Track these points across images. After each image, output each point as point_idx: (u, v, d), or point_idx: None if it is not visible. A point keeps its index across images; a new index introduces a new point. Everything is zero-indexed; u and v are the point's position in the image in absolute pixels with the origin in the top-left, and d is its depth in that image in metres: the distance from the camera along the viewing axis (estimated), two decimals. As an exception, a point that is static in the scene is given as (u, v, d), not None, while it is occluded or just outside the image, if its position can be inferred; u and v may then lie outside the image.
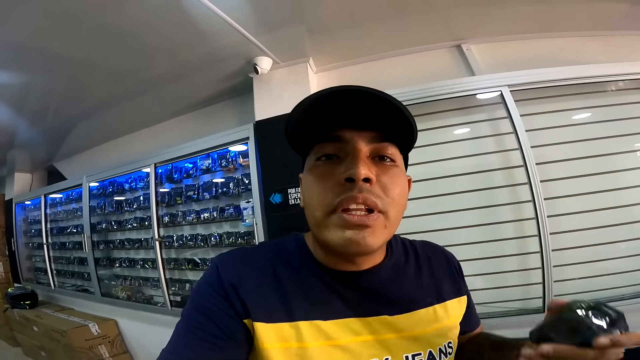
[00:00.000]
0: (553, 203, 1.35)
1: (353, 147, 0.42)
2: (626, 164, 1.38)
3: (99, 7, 1.21)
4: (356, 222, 0.40)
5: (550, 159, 1.37)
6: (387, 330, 0.46)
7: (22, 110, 2.09)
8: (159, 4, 1.23)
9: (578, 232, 1.32)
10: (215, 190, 1.96)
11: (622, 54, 1.59)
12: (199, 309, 0.43)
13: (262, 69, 1.69)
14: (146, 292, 2.47)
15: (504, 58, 1.68)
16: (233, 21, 1.37)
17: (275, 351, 0.42)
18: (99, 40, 1.42)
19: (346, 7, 1.37)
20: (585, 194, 1.33)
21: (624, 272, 1.31)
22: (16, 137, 2.64)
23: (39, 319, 2.80)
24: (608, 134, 1.39)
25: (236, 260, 0.47)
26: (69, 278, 3.14)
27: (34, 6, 1.17)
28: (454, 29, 1.65)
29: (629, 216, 1.33)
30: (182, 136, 2.25)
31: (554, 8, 1.49)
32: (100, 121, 2.37)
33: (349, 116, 0.43)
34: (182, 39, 1.48)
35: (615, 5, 1.47)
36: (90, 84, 1.83)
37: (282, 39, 1.57)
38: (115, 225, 2.56)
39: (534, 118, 1.42)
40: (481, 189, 1.41)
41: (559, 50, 1.66)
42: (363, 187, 0.40)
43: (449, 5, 1.42)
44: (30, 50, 1.43)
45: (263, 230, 1.68)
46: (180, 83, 1.91)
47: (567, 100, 1.42)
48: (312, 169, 0.45)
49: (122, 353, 2.62)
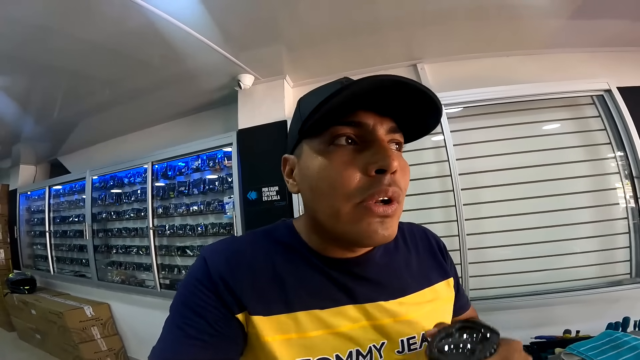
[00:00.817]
0: (477, 208, 1.63)
1: (376, 135, 0.41)
2: (546, 175, 1.63)
3: (89, 29, 1.38)
4: (382, 213, 0.40)
5: (477, 169, 1.65)
6: (383, 315, 0.46)
7: (27, 108, 2.28)
8: (147, 31, 1.41)
9: (496, 234, 1.60)
10: (203, 186, 2.27)
11: (555, 72, 1.80)
12: (188, 305, 0.41)
13: (244, 84, 1.97)
14: (138, 277, 2.74)
15: (450, 77, 1.88)
16: (216, 46, 1.60)
17: (276, 343, 0.41)
18: (93, 54, 1.59)
19: (317, 28, 1.54)
20: (504, 201, 1.61)
21: (537, 270, 1.56)
22: (22, 132, 2.83)
23: (37, 302, 3.03)
24: (531, 147, 1.63)
25: (225, 252, 0.45)
26: (68, 264, 3.39)
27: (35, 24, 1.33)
28: (412, 49, 1.82)
29: (543, 221, 1.58)
30: (175, 138, 2.52)
31: (496, 27, 1.63)
32: (100, 121, 2.57)
33: (373, 101, 0.40)
34: (170, 55, 1.65)
35: (551, 22, 1.58)
36: (89, 89, 2.00)
37: (261, 58, 1.78)
38: (114, 215, 2.84)
39: (465, 133, 1.69)
40: (418, 194, 1.67)
41: (495, 69, 1.85)
42: (392, 179, 0.40)
43: (406, 25, 1.57)
44: (28, 61, 1.61)
45: (241, 221, 1.98)
46: (173, 92, 2.13)
47: (494, 118, 1.69)
48: (328, 153, 0.42)
49: (113, 335, 2.84)
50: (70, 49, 1.51)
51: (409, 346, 0.47)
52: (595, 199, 1.59)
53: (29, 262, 3.93)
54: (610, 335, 1.07)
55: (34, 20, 1.29)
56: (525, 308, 1.54)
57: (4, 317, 3.73)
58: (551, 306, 1.53)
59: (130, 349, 2.86)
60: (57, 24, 1.32)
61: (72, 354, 2.73)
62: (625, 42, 1.76)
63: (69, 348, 2.74)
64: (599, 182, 1.60)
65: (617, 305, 1.49)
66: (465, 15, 1.49)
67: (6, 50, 1.49)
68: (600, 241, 1.57)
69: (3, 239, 4.00)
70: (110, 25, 1.36)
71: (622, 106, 1.57)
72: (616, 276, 1.55)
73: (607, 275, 1.56)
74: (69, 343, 2.70)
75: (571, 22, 1.55)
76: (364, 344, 0.44)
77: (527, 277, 1.58)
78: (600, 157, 1.61)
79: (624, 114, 1.56)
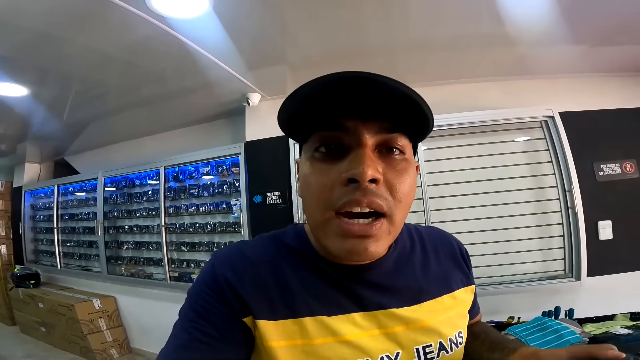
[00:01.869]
0: (443, 213, 1.96)
1: (357, 140, 0.38)
2: (499, 187, 1.95)
3: (103, 40, 1.48)
4: (358, 233, 0.37)
5: (443, 181, 1.99)
6: (394, 323, 0.45)
7: (37, 109, 2.31)
8: (161, 48, 1.54)
9: (457, 234, 1.92)
10: (212, 190, 2.55)
11: (512, 98, 2.05)
12: (195, 309, 0.41)
13: (252, 102, 2.25)
14: (147, 271, 2.97)
15: (427, 101, 2.28)
16: (227, 66, 1.78)
17: (281, 349, 0.41)
18: (106, 64, 1.69)
19: (315, 53, 1.70)
20: (464, 208, 1.94)
21: (490, 265, 1.88)
22: (29, 132, 2.89)
23: (45, 295, 3.19)
24: (488, 164, 1.95)
25: (233, 257, 0.45)
26: (76, 259, 3.55)
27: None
28: (398, 73, 1.96)
29: (496, 225, 1.90)
30: (186, 144, 2.77)
31: (465, 57, 1.81)
32: (112, 124, 2.70)
33: (353, 104, 0.37)
34: (182, 70, 1.80)
35: (512, 50, 1.74)
36: (102, 94, 2.11)
37: (267, 78, 1.99)
38: (125, 214, 3.08)
39: (435, 150, 2.02)
40: None
41: (462, 95, 2.11)
42: (368, 189, 0.36)
43: (390, 53, 1.72)
44: (43, 67, 1.71)
45: (247, 221, 2.28)
46: (185, 102, 2.31)
47: (459, 138, 2.02)
48: (310, 160, 0.41)
49: (118, 326, 3.04)
50: (84, 58, 1.62)
51: (425, 355, 0.45)
52: (538, 208, 1.93)
53: (32, 257, 4.04)
54: (540, 320, 1.31)
55: (53, 32, 1.39)
56: (480, 296, 1.88)
57: (6, 311, 3.82)
58: (499, 295, 1.85)
59: (134, 340, 3.08)
60: (72, 34, 1.42)
61: (78, 345, 2.91)
62: (575, 69, 2.00)
63: (76, 339, 2.91)
64: (541, 194, 1.95)
65: (554, 297, 1.82)
66: (441, 45, 1.67)
67: (26, 57, 1.60)
68: (540, 242, 1.91)
69: (6, 234, 4.10)
70: (124, 37, 1.46)
71: (560, 129, 1.89)
72: (553, 272, 1.91)
73: (546, 271, 1.91)
74: (77, 334, 2.88)
75: (531, 50, 1.75)
76: (375, 354, 0.42)
77: (481, 270, 1.89)
78: (543, 173, 1.96)
79: (561, 136, 1.89)
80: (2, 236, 4.07)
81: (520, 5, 1.36)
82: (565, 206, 1.90)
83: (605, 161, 1.95)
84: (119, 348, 2.99)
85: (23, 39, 1.42)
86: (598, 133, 1.98)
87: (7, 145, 3.32)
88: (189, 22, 1.38)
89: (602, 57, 1.87)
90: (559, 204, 1.92)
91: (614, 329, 1.37)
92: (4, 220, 4.09)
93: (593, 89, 2.06)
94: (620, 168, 1.95)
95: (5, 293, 3.82)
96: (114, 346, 2.96)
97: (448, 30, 1.54)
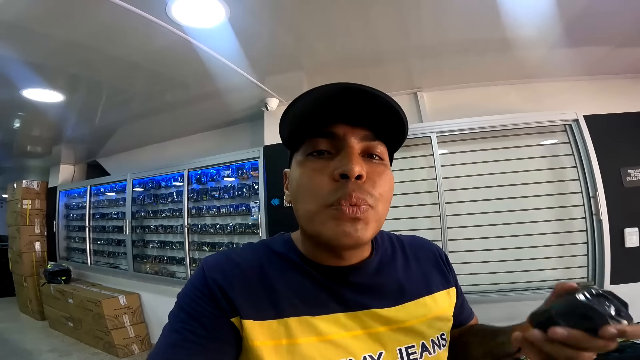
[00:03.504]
0: (458, 218, 1.93)
1: (347, 144, 0.43)
2: (519, 192, 1.91)
3: (128, 50, 1.58)
4: (350, 216, 0.41)
5: (459, 186, 1.97)
6: (377, 323, 0.47)
7: (70, 113, 2.47)
8: (182, 56, 1.62)
9: (474, 240, 1.90)
10: (232, 192, 2.64)
11: (534, 101, 2.00)
12: (185, 310, 0.43)
13: (270, 107, 2.31)
14: (170, 269, 3.08)
15: (444, 104, 2.14)
16: (244, 72, 1.85)
17: (266, 349, 0.42)
18: (131, 72, 1.80)
19: (330, 59, 1.74)
20: (481, 213, 1.91)
21: (508, 272, 1.85)
22: (64, 135, 3.05)
23: (75, 291, 3.33)
24: (508, 169, 1.91)
25: (222, 261, 0.47)
26: (105, 257, 3.72)
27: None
28: (412, 78, 2.06)
29: (515, 231, 1.86)
30: (207, 148, 2.88)
31: (484, 59, 1.80)
32: (138, 128, 2.84)
33: (343, 112, 0.43)
34: (203, 77, 1.87)
35: (533, 52, 1.72)
36: (129, 99, 2.22)
37: (284, 83, 2.04)
38: (151, 214, 3.22)
39: (451, 155, 2.00)
40: (410, 205, 1.99)
41: (482, 98, 2.08)
42: (356, 185, 0.41)
43: (406, 57, 1.75)
44: (73, 75, 1.82)
45: (265, 223, 2.35)
46: (207, 107, 2.39)
47: (477, 143, 1.99)
48: (304, 163, 0.45)
49: (140, 322, 3.16)
50: (111, 65, 1.72)
51: (407, 356, 0.46)
52: (561, 214, 1.88)
53: (65, 254, 4.22)
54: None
55: (83, 41, 1.48)
56: (497, 302, 1.83)
57: (37, 306, 4.00)
58: (517, 302, 1.81)
59: (154, 336, 3.17)
60: (99, 43, 1.51)
61: (102, 340, 3.02)
62: (598, 70, 1.94)
63: (101, 334, 3.02)
64: (564, 199, 1.89)
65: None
66: (456, 49, 1.68)
67: (57, 65, 1.71)
68: (563, 249, 1.86)
69: (40, 232, 4.31)
70: (148, 46, 1.54)
71: (585, 133, 1.84)
72: (575, 279, 1.85)
73: (568, 278, 1.85)
74: (102, 329, 2.99)
75: (551, 52, 1.73)
76: (358, 354, 0.44)
77: (498, 277, 1.86)
78: (566, 179, 1.90)
79: (586, 140, 1.83)
80: (37, 234, 4.25)
81: (538, 7, 1.34)
82: (589, 212, 1.84)
83: (632, 166, 1.88)
84: (140, 344, 3.08)
85: (56, 47, 1.52)
86: (624, 137, 1.91)
87: (42, 148, 3.49)
88: (207, 32, 1.44)
89: (627, 58, 1.82)
90: (583, 210, 1.86)
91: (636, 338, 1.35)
92: (39, 219, 4.31)
93: (618, 92, 1.99)
94: (649, 173, 1.87)
95: (37, 288, 3.97)
96: (135, 342, 3.06)
97: (463, 34, 1.54)
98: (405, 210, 2.02)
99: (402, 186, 2.04)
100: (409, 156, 2.08)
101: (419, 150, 2.08)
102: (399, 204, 2.03)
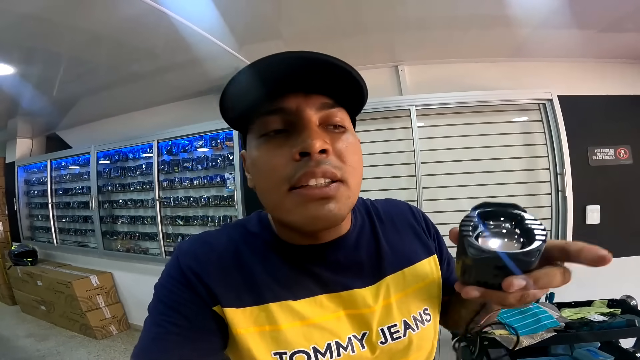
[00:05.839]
0: (435, 191, 1.96)
1: (302, 117, 0.39)
2: (492, 167, 1.95)
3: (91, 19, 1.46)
4: (318, 195, 0.37)
5: (436, 159, 1.98)
6: (359, 304, 0.45)
7: (25, 86, 2.29)
8: (149, 22, 1.50)
9: (449, 213, 1.94)
10: (206, 163, 2.52)
11: (515, 79, 2.03)
12: (163, 301, 0.41)
13: None
14: (143, 246, 2.97)
15: (425, 78, 2.13)
16: (218, 41, 1.75)
17: (250, 336, 0.41)
18: (94, 42, 1.68)
19: (310, 28, 1.68)
20: (457, 186, 1.95)
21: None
22: (20, 107, 2.83)
23: (44, 273, 3.16)
24: (483, 144, 1.94)
25: (196, 247, 0.45)
26: (72, 235, 3.53)
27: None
28: (393, 51, 2.03)
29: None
30: (179, 118, 2.71)
31: (466, 35, 1.79)
32: (103, 99, 2.64)
33: (293, 82, 0.38)
34: (173, 45, 1.76)
35: (515, 31, 1.73)
36: (92, 70, 2.07)
37: (260, 53, 2.02)
38: (119, 188, 3.05)
39: (429, 128, 2.01)
40: (389, 177, 2.00)
41: (462, 74, 2.09)
42: (320, 160, 0.37)
43: (388, 29, 1.71)
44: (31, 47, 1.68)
45: (241, 195, 2.27)
46: (178, 76, 2.26)
47: (455, 117, 2.00)
48: (259, 146, 0.41)
49: (116, 303, 3.07)
50: (71, 37, 1.61)
51: (391, 335, 0.45)
52: (529, 189, 1.94)
53: (29, 234, 4.03)
54: (521, 303, 1.41)
55: (40, 14, 1.38)
56: None
57: (7, 290, 3.81)
58: None
59: (132, 316, 3.12)
60: (56, 17, 1.41)
61: (78, 323, 2.93)
62: (576, 53, 1.99)
63: (76, 317, 2.93)
64: (533, 175, 1.94)
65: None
66: (440, 24, 1.67)
67: (11, 37, 1.59)
68: None
69: (1, 211, 4.06)
70: (113, 15, 1.44)
71: (558, 112, 1.88)
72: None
73: None
74: (76, 312, 2.90)
75: (535, 32, 1.73)
76: (342, 335, 0.43)
77: None
78: (537, 155, 1.95)
79: (558, 119, 1.88)
80: (-3, 213, 4.02)
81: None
82: (555, 189, 1.90)
83: (599, 146, 1.95)
84: (117, 324, 3.02)
85: (7, 20, 1.39)
86: (595, 118, 1.97)
87: (-3, 121, 3.26)
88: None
89: (606, 43, 1.84)
90: (550, 186, 1.92)
91: (590, 315, 1.43)
92: (-1, 197, 4.04)
93: (593, 75, 2.04)
94: (614, 153, 1.95)
95: (4, 272, 3.79)
96: (113, 323, 3.00)
97: (447, 9, 1.54)
98: (382, 182, 2.02)
99: (380, 157, 2.04)
100: (388, 128, 2.07)
101: (398, 123, 2.07)
102: (377, 175, 2.03)
